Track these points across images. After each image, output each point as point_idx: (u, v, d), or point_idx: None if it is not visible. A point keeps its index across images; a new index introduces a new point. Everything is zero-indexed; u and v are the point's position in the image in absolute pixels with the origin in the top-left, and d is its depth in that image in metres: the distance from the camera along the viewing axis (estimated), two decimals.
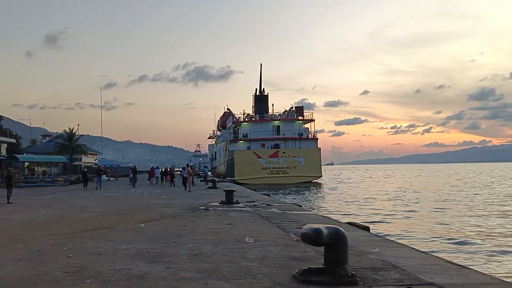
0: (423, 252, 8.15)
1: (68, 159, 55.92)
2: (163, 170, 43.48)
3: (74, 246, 8.48)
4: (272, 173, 59.22)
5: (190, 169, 31.11)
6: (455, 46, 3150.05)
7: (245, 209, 15.75)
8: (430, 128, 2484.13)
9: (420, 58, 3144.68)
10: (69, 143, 62.86)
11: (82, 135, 70.37)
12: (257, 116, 67.47)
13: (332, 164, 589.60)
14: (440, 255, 9.67)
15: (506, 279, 6.98)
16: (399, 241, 11.13)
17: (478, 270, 6.63)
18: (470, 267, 6.78)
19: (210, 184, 32.60)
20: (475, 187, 49.91)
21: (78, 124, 71.28)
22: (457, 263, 7.03)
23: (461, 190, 44.65)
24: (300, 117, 65.81)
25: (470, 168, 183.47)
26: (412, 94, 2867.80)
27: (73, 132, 65.09)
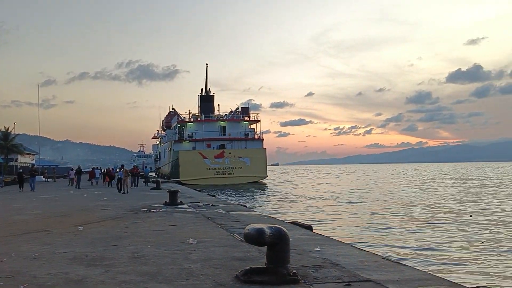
0: (362, 249, 8.41)
1: (3, 159, 53.14)
2: (104, 170, 42.30)
3: (8, 250, 8.05)
4: (217, 174, 59.02)
5: (130, 169, 30.42)
6: (395, 51, 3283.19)
7: (190, 210, 15.61)
8: (371, 129, 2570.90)
9: (361, 62, 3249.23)
10: (4, 143, 59.81)
11: (18, 134, 67.19)
12: (203, 116, 67.05)
13: (277, 164, 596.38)
14: (378, 252, 10.04)
15: (438, 274, 7.34)
16: (340, 239, 11.42)
17: (413, 266, 6.92)
18: (405, 263, 7.06)
19: (154, 185, 32.05)
20: (409, 187, 52.14)
21: (14, 123, 68.03)
22: (394, 260, 7.30)
23: (401, 190, 46.52)
24: (246, 118, 66.05)
25: (407, 168, 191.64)
26: (354, 96, 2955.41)
27: (9, 131, 62.01)
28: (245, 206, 19.58)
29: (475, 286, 5.87)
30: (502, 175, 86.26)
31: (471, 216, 22.66)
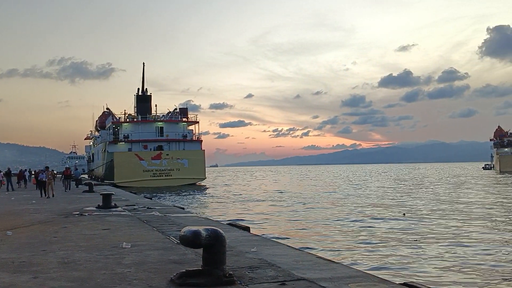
0: (297, 249, 8.57)
1: None
2: (34, 172, 40.23)
3: None
4: (154, 176, 57.98)
5: (63, 171, 29.14)
6: (330, 55, 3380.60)
7: (124, 213, 15.20)
8: (308, 131, 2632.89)
9: (299, 65, 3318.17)
10: None
11: None
12: (139, 116, 65.34)
13: (216, 166, 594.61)
14: (313, 251, 10.28)
15: (369, 272, 7.63)
16: (276, 239, 11.58)
17: (345, 264, 7.15)
18: (338, 261, 7.28)
19: (86, 188, 30.88)
20: (347, 187, 53.89)
21: None
22: (327, 258, 7.50)
23: (338, 190, 47.92)
24: (184, 119, 65.26)
25: (343, 169, 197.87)
26: (292, 99, 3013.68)
27: None
28: (182, 208, 19.35)
29: (402, 282, 6.13)
30: (431, 175, 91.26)
31: (404, 214, 23.72)
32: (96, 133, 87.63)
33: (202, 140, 64.70)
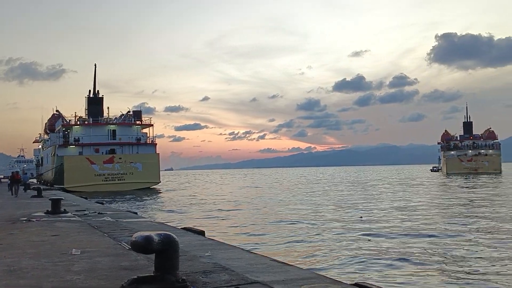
0: (251, 252, 8.60)
1: None
2: None
3: None
4: (107, 180, 56.66)
5: (11, 175, 27.92)
6: (286, 59, 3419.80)
7: (74, 218, 14.73)
8: (264, 134, 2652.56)
9: (255, 69, 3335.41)
10: None
11: None
12: (91, 119, 63.63)
13: (171, 169, 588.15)
14: (267, 254, 10.31)
15: (322, 273, 7.75)
16: (231, 243, 11.56)
17: (298, 266, 7.23)
18: (291, 264, 7.35)
19: (34, 193, 29.73)
20: (304, 190, 54.59)
21: None
22: (281, 261, 7.55)
23: (295, 193, 48.42)
24: (138, 122, 64.14)
25: (298, 172, 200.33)
26: (248, 102, 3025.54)
27: None
28: (135, 213, 18.97)
29: (354, 282, 6.27)
30: (383, 178, 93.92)
31: (361, 218, 24.22)
32: (46, 136, 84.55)
33: (156, 144, 63.93)
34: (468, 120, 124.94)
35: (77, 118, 64.50)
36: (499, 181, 66.38)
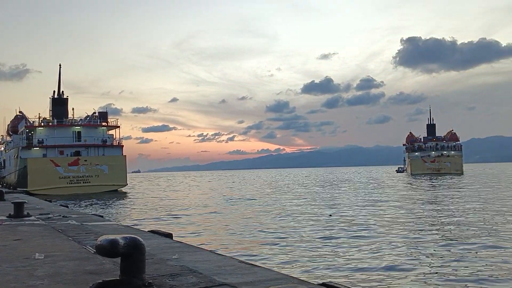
0: (219, 254, 8.56)
1: None
2: None
3: None
4: (72, 183, 55.45)
5: None
6: (255, 61, 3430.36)
7: (37, 222, 14.32)
8: (234, 136, 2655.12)
9: (223, 71, 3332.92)
10: None
11: None
12: (55, 121, 62.05)
13: (139, 171, 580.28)
14: (235, 255, 10.32)
15: (291, 273, 7.80)
16: (200, 245, 11.49)
17: (267, 268, 7.25)
18: (260, 265, 7.37)
19: None
20: (274, 191, 54.79)
21: None
22: (249, 262, 7.56)
23: (265, 194, 48.53)
24: (104, 123, 63.04)
25: (268, 174, 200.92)
26: (217, 104, 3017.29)
27: None
28: (101, 217, 18.61)
29: (321, 282, 6.34)
30: (350, 179, 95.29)
31: (330, 215, 24.51)
32: (8, 138, 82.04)
33: (123, 145, 63.00)
34: (432, 122, 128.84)
35: (41, 119, 62.89)
36: (459, 181, 68.44)
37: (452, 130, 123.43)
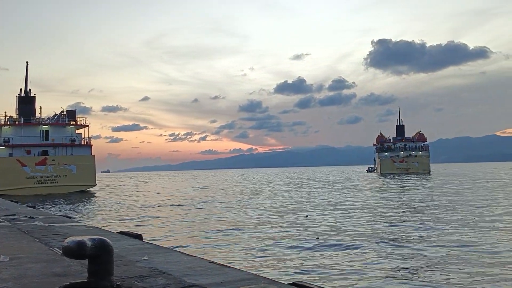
0: (190, 255, 8.51)
1: None
2: None
3: None
4: (39, 183, 54.25)
5: None
6: (227, 61, 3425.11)
7: (3, 223, 13.92)
8: (206, 136, 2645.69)
9: (195, 70, 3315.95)
10: None
11: None
12: (22, 119, 60.55)
13: (108, 171, 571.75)
14: (206, 256, 10.29)
15: (262, 274, 7.84)
16: (170, 246, 11.42)
17: (237, 268, 7.26)
18: (230, 265, 7.37)
19: None
20: (248, 192, 54.81)
21: None
22: (219, 263, 7.56)
23: (239, 195, 48.48)
24: (72, 122, 61.90)
25: (239, 174, 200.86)
26: (189, 103, 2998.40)
27: None
28: (69, 218, 18.21)
29: (292, 282, 6.39)
30: (322, 178, 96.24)
31: (306, 216, 24.65)
32: None
33: (92, 145, 62.12)
34: (401, 124, 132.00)
35: (7, 118, 61.26)
36: (426, 180, 70.06)
37: (420, 131, 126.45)
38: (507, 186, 48.69)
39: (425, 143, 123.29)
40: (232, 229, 20.56)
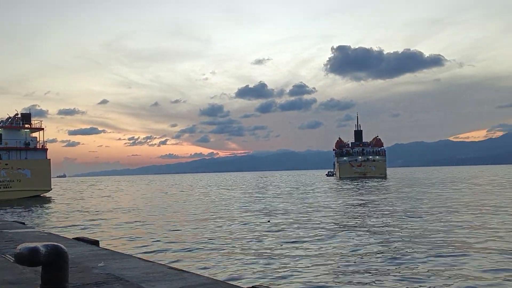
0: (148, 261, 8.43)
1: None
2: None
3: None
4: None
5: None
6: (188, 64, 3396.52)
7: None
8: (166, 140, 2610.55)
9: (156, 73, 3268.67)
10: None
11: None
12: None
13: (64, 176, 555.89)
14: (165, 262, 10.20)
15: (220, 279, 7.85)
16: (127, 252, 11.25)
17: (196, 273, 7.25)
18: (189, 271, 7.35)
19: None
20: (208, 196, 54.52)
21: None
22: (178, 268, 7.52)
23: (198, 199, 48.15)
24: (27, 125, 59.84)
25: (199, 178, 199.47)
26: (149, 107, 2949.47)
27: None
28: (23, 223, 17.64)
29: (251, 286, 6.44)
30: (282, 182, 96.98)
31: (268, 221, 24.65)
32: None
33: (47, 149, 60.11)
34: (359, 129, 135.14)
35: None
36: (381, 184, 71.90)
37: (377, 136, 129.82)
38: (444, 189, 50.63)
39: (382, 148, 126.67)
40: (191, 234, 20.43)
